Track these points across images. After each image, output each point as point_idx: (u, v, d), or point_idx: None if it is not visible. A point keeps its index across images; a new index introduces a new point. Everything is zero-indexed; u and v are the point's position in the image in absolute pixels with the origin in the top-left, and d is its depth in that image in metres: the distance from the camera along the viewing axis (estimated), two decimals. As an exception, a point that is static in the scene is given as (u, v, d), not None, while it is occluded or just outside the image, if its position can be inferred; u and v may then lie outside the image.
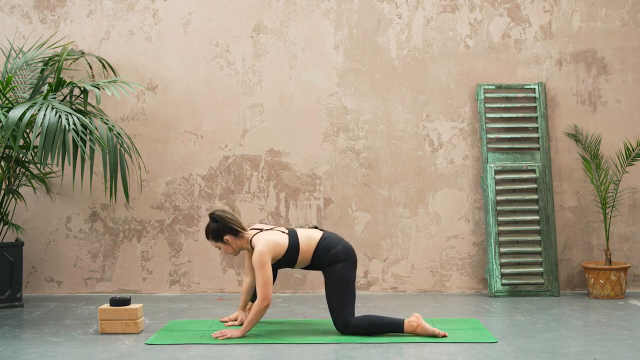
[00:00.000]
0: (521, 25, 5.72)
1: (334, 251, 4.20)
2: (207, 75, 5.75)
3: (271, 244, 4.15)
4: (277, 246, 4.17)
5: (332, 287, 4.17)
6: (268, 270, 4.09)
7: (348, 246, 4.26)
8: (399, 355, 3.76)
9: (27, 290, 5.71)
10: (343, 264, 4.18)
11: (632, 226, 5.68)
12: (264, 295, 4.07)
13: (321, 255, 4.22)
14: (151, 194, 5.73)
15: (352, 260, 4.23)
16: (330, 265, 4.19)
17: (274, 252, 4.16)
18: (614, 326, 4.38)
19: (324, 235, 4.28)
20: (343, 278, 4.16)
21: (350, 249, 4.25)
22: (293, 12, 5.75)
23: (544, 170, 5.57)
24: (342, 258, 4.19)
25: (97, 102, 5.04)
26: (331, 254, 4.19)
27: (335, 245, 4.22)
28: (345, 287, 4.15)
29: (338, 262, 4.18)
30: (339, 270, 4.17)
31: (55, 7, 5.77)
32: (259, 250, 4.11)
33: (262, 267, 4.08)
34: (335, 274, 4.17)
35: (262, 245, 4.13)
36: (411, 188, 5.70)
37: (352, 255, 4.24)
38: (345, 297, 4.15)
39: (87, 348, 3.97)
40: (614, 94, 5.70)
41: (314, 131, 5.73)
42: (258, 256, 4.09)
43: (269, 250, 4.13)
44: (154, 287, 5.72)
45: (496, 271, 5.46)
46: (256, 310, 4.09)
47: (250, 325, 4.14)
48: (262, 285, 4.08)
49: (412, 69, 5.73)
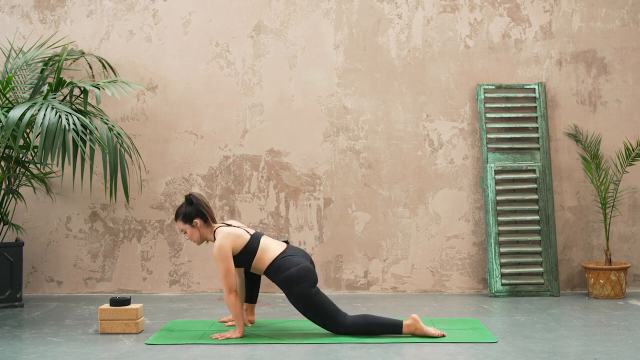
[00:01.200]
0: (521, 25, 5.72)
1: (287, 274, 4.11)
2: (207, 75, 5.75)
3: (231, 236, 4.14)
4: (236, 239, 4.15)
5: (299, 307, 4.13)
6: (229, 263, 4.09)
7: (303, 268, 4.12)
8: (399, 355, 3.76)
9: (27, 290, 5.71)
10: (300, 286, 4.08)
11: (632, 226, 5.68)
12: (228, 287, 4.08)
13: (274, 273, 4.16)
14: (151, 194, 5.73)
15: (308, 282, 4.09)
16: (287, 288, 4.12)
17: (234, 244, 4.14)
18: (614, 326, 4.38)
19: (283, 254, 4.19)
20: (304, 298, 4.09)
21: (306, 269, 4.12)
22: (293, 12, 5.75)
23: (544, 170, 5.57)
24: (297, 281, 4.08)
25: (97, 102, 5.04)
26: (284, 276, 4.11)
27: (289, 267, 4.12)
28: (312, 305, 4.09)
29: (292, 286, 4.09)
30: (296, 293, 4.09)
31: (55, 7, 5.77)
32: (219, 243, 4.12)
33: (223, 260, 4.09)
34: (293, 297, 4.10)
35: (222, 238, 4.13)
36: (411, 188, 5.70)
37: (307, 277, 4.10)
38: (325, 310, 4.10)
39: (87, 348, 3.97)
40: (614, 94, 5.70)
41: (314, 131, 5.73)
42: (218, 250, 4.11)
43: (228, 241, 4.12)
44: (154, 287, 5.72)
45: (496, 271, 5.46)
46: (228, 303, 4.10)
47: (239, 319, 4.14)
48: (225, 277, 4.08)
49: (412, 69, 5.73)
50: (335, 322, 4.12)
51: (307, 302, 4.11)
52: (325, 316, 4.12)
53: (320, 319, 4.13)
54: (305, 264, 4.17)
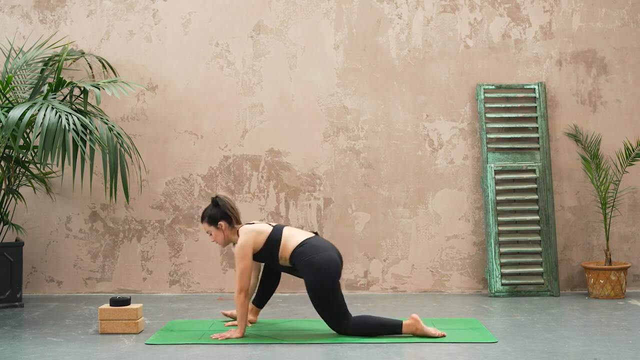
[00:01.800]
0: (521, 25, 5.72)
1: (308, 260, 4.07)
2: (207, 75, 5.75)
3: (253, 234, 4.15)
4: (258, 235, 4.16)
5: (310, 294, 4.11)
6: (247, 262, 4.09)
7: (327, 258, 4.07)
8: (399, 355, 3.76)
9: (27, 290, 5.71)
10: (317, 276, 4.04)
11: (632, 226, 5.68)
12: (241, 286, 4.08)
13: (296, 260, 4.13)
14: (151, 194, 5.73)
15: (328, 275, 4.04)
16: (305, 274, 4.09)
17: (255, 241, 4.15)
18: (614, 326, 4.38)
19: (306, 241, 4.16)
20: (319, 288, 4.06)
21: (327, 262, 4.06)
22: (293, 12, 5.75)
23: (544, 170, 5.57)
24: (316, 269, 4.04)
25: (97, 102, 5.04)
26: (304, 262, 4.08)
27: (312, 253, 4.08)
28: (323, 297, 4.07)
29: (311, 272, 4.05)
30: (313, 281, 4.05)
31: (55, 7, 5.77)
32: (241, 242, 4.12)
33: (241, 258, 4.09)
34: (310, 283, 4.07)
35: (243, 236, 4.14)
36: (411, 188, 5.70)
37: (329, 270, 4.04)
38: (327, 304, 4.08)
39: (87, 348, 3.97)
40: (614, 94, 5.70)
41: (314, 131, 5.73)
42: (239, 248, 4.11)
43: (249, 240, 4.12)
44: (154, 287, 5.72)
45: (496, 271, 5.46)
46: (237, 303, 4.10)
47: (242, 320, 4.14)
48: (240, 276, 4.08)
49: (412, 69, 5.73)
50: (340, 321, 4.11)
51: (320, 292, 4.06)
52: (333, 312, 4.09)
53: (327, 313, 4.11)
54: (331, 254, 4.11)
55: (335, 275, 4.08)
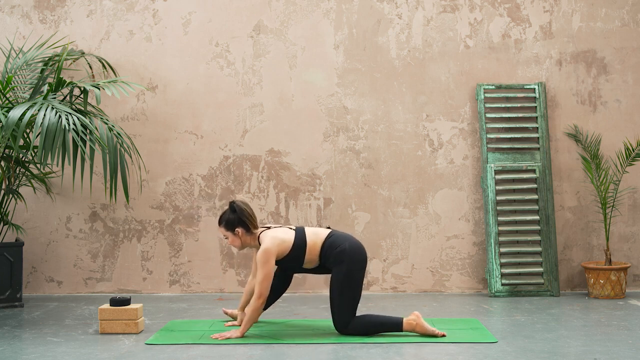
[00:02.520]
0: (521, 25, 5.72)
1: (340, 249, 4.13)
2: (207, 75, 5.75)
3: (277, 241, 4.14)
4: (283, 243, 4.16)
5: (336, 286, 4.12)
6: (270, 268, 4.09)
7: (356, 244, 4.18)
8: (399, 355, 3.76)
9: (27, 290, 5.71)
10: (350, 264, 4.10)
11: (632, 226, 5.68)
12: (261, 292, 4.08)
13: (327, 253, 4.17)
14: (151, 194, 5.73)
15: (361, 261, 4.15)
16: (337, 265, 4.13)
17: (280, 249, 4.14)
18: (614, 326, 4.38)
19: (332, 233, 4.24)
20: (348, 278, 4.10)
21: (358, 248, 4.17)
22: (293, 12, 5.75)
23: (544, 170, 5.57)
24: (349, 257, 4.11)
25: (97, 102, 5.04)
26: (337, 252, 4.13)
27: (342, 242, 4.16)
28: (349, 288, 4.10)
29: (344, 261, 4.11)
30: (345, 270, 4.10)
31: (55, 7, 5.77)
32: (265, 247, 4.10)
33: (265, 263, 4.08)
34: (341, 273, 4.11)
35: (269, 242, 4.13)
36: (411, 188, 5.70)
37: (361, 255, 4.16)
38: (348, 298, 4.11)
39: (87, 348, 3.97)
40: (614, 94, 5.70)
41: (314, 131, 5.73)
42: (263, 254, 4.09)
43: (274, 247, 4.12)
44: (154, 287, 5.72)
45: (496, 271, 5.46)
46: (253, 307, 4.10)
47: (249, 324, 4.14)
48: (262, 281, 4.08)
49: (412, 69, 5.73)
50: (347, 317, 4.11)
51: (347, 280, 4.09)
52: (345, 303, 4.10)
53: (338, 301, 4.11)
54: (355, 241, 4.20)
55: (366, 261, 4.19)
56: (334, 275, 4.15)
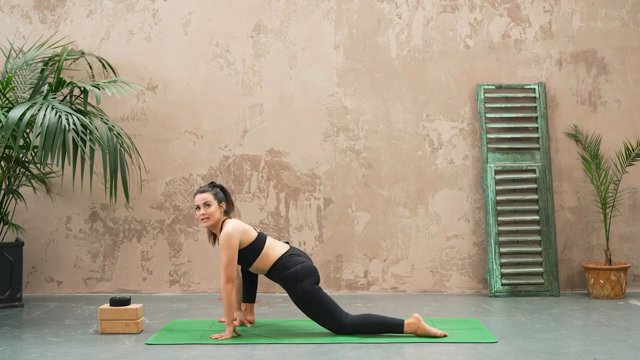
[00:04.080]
0: (521, 25, 5.72)
1: (292, 271, 4.14)
2: (207, 75, 5.75)
3: (241, 228, 4.16)
4: (245, 233, 4.16)
5: (303, 305, 4.14)
6: (233, 252, 4.09)
7: (309, 265, 4.19)
8: (399, 355, 3.76)
9: (27, 290, 5.71)
10: (303, 282, 4.12)
11: (632, 226, 5.68)
12: (227, 276, 4.07)
13: (277, 271, 4.18)
14: (151, 194, 5.73)
15: (313, 276, 4.16)
16: (291, 286, 4.14)
17: (242, 237, 4.15)
18: (614, 326, 4.38)
19: (287, 253, 4.23)
20: (311, 294, 4.11)
21: (310, 267, 4.18)
22: (293, 12, 5.75)
23: (544, 170, 5.57)
24: (301, 277, 4.13)
25: (97, 102, 5.04)
26: (288, 273, 4.14)
27: (293, 264, 4.17)
28: (319, 300, 4.11)
29: (297, 282, 4.12)
30: (303, 289, 4.11)
31: (55, 7, 5.77)
32: (227, 231, 4.11)
33: (228, 247, 4.08)
34: (300, 293, 4.11)
35: (232, 227, 4.14)
36: (411, 188, 5.70)
37: (313, 272, 4.17)
38: (322, 305, 4.12)
39: (87, 348, 3.96)
40: (614, 94, 5.70)
41: (314, 131, 5.73)
42: (226, 237, 4.10)
43: (237, 232, 4.13)
44: (154, 287, 5.72)
45: (496, 271, 5.46)
46: (224, 292, 4.08)
47: (230, 311, 4.11)
48: (226, 266, 4.07)
49: (412, 69, 5.73)
50: (337, 321, 4.12)
51: (309, 300, 4.12)
52: (327, 315, 4.12)
53: (322, 318, 4.14)
54: (308, 263, 4.22)
55: (316, 280, 4.18)
56: (293, 298, 4.16)
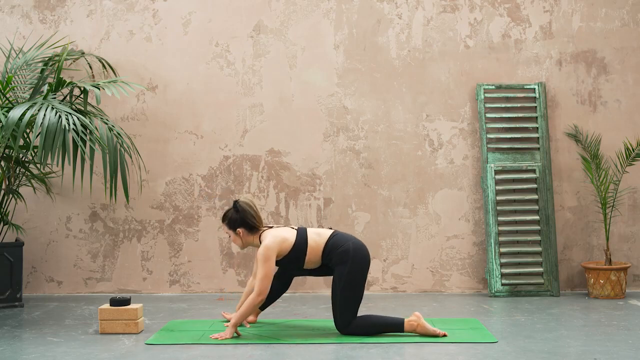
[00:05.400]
0: (521, 25, 5.72)
1: (343, 248, 4.12)
2: (207, 75, 5.75)
3: (278, 239, 4.14)
4: (284, 242, 4.15)
5: (338, 285, 4.10)
6: (270, 266, 4.09)
7: (360, 245, 4.16)
8: (399, 355, 3.76)
9: (27, 290, 5.71)
10: (353, 264, 4.09)
11: (632, 226, 5.68)
12: (261, 289, 4.07)
13: (330, 253, 4.15)
14: (151, 194, 5.73)
15: (363, 261, 4.13)
16: (340, 264, 4.11)
17: (281, 247, 4.13)
18: (614, 326, 4.38)
19: (334, 233, 4.22)
20: (351, 278, 4.09)
21: (361, 248, 4.15)
22: (293, 12, 5.75)
23: (544, 170, 5.57)
24: (352, 257, 4.09)
25: (97, 102, 5.04)
26: (340, 252, 4.12)
27: (344, 242, 4.14)
28: (351, 288, 4.09)
29: (347, 261, 4.09)
30: (348, 270, 4.08)
31: (55, 7, 5.77)
32: (266, 244, 4.10)
33: (265, 261, 4.07)
34: (344, 273, 4.09)
35: (270, 240, 4.12)
36: (411, 188, 5.70)
37: (364, 255, 4.14)
38: (351, 298, 4.10)
39: (87, 348, 3.96)
40: (614, 94, 5.70)
41: (314, 131, 5.73)
42: (264, 250, 4.09)
43: (275, 245, 4.11)
44: (154, 287, 5.72)
45: (496, 271, 5.46)
46: (250, 303, 4.09)
47: (242, 317, 4.13)
48: (262, 279, 4.07)
49: (412, 69, 5.73)
50: (347, 318, 4.10)
51: (350, 280, 4.07)
52: (347, 303, 4.08)
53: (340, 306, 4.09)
54: (357, 241, 4.19)
55: (369, 261, 4.17)
56: (336, 275, 4.13)
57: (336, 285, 4.12)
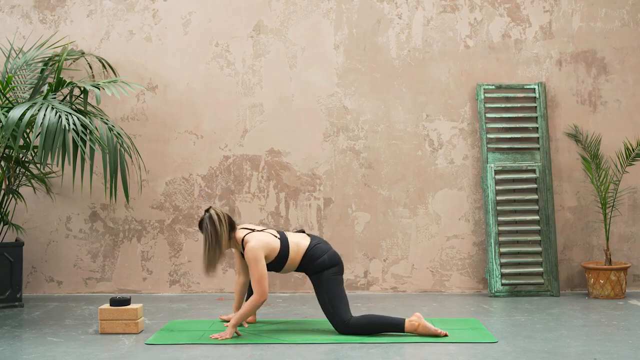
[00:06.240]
0: (521, 25, 5.72)
1: (320, 260, 4.21)
2: (207, 75, 5.75)
3: (263, 243, 4.17)
4: (268, 246, 4.18)
5: (323, 294, 4.19)
6: (262, 266, 4.11)
7: (333, 253, 4.27)
8: (399, 355, 3.76)
9: (27, 290, 5.71)
10: (329, 270, 4.21)
11: (632, 226, 5.68)
12: (261, 291, 4.09)
13: (308, 264, 4.24)
14: (151, 194, 5.73)
15: (338, 266, 4.25)
16: (317, 273, 4.22)
17: (266, 250, 4.17)
18: (614, 326, 4.38)
19: (312, 244, 4.28)
20: (332, 284, 4.18)
21: (336, 256, 4.27)
22: (293, 12, 5.75)
23: (544, 170, 5.57)
24: (329, 265, 4.22)
25: (97, 102, 5.04)
26: (317, 263, 4.22)
27: (321, 254, 4.23)
28: (336, 292, 4.17)
29: (324, 269, 4.21)
30: (326, 277, 4.19)
31: (55, 7, 5.77)
32: (252, 246, 4.12)
33: (256, 262, 4.10)
34: (323, 281, 4.19)
35: (255, 242, 4.14)
36: (411, 188, 5.70)
37: (338, 262, 4.26)
38: (338, 300, 4.16)
39: (87, 348, 3.97)
40: (614, 94, 5.70)
41: (314, 131, 5.73)
42: (252, 252, 4.10)
43: (261, 246, 4.14)
44: (154, 287, 5.72)
45: (496, 271, 5.46)
46: (252, 304, 4.10)
47: (243, 318, 4.14)
48: (258, 281, 4.09)
49: (412, 69, 5.73)
50: (341, 318, 4.14)
51: (328, 288, 4.17)
52: (335, 308, 4.14)
53: (330, 309, 4.15)
54: (333, 251, 4.29)
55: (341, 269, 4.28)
56: (317, 285, 4.22)
57: (322, 295, 4.19)
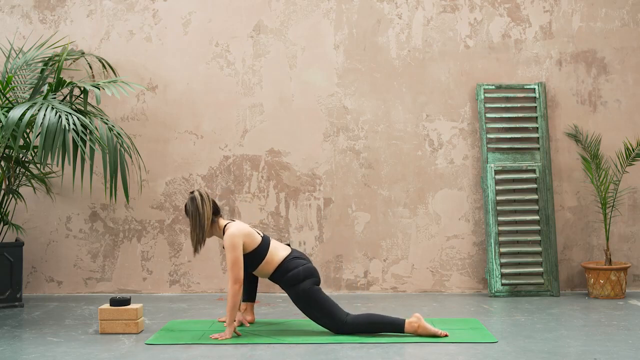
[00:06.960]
0: (521, 25, 5.72)
1: (294, 272, 4.18)
2: (207, 75, 5.76)
3: (245, 231, 4.17)
4: (249, 236, 4.17)
5: (306, 307, 4.17)
6: (239, 253, 4.10)
7: (310, 267, 4.23)
8: (399, 355, 3.76)
9: (27, 290, 5.71)
10: (304, 282, 4.16)
11: (632, 226, 5.68)
12: (234, 277, 4.08)
13: (280, 274, 4.21)
14: (151, 194, 5.73)
15: (314, 278, 4.20)
16: (292, 287, 4.17)
17: (246, 238, 4.15)
18: (614, 326, 4.38)
19: (291, 255, 4.26)
20: (311, 294, 4.14)
21: (312, 269, 4.23)
22: (293, 12, 5.75)
23: (544, 170, 5.58)
24: (302, 278, 4.17)
25: (97, 102, 5.04)
26: (290, 275, 4.18)
27: (296, 267, 4.20)
28: (322, 300, 4.15)
29: (299, 282, 4.16)
30: (303, 289, 4.14)
31: (55, 7, 5.77)
32: (232, 232, 4.13)
33: (233, 248, 4.09)
34: (301, 293, 4.15)
35: (236, 229, 4.15)
36: (411, 188, 5.70)
37: (314, 274, 4.22)
38: (329, 307, 4.14)
39: (87, 348, 3.97)
40: (614, 94, 5.70)
41: (314, 131, 5.73)
42: (230, 238, 4.11)
43: (241, 235, 4.13)
44: (154, 287, 5.72)
45: (496, 271, 5.46)
46: (230, 294, 4.09)
47: (232, 313, 4.12)
48: (232, 266, 4.09)
49: (412, 69, 5.73)
50: (337, 321, 4.13)
51: (309, 300, 4.14)
52: (326, 314, 4.13)
53: (322, 318, 4.15)
54: (309, 265, 4.25)
55: (317, 280, 4.22)
56: (297, 299, 4.18)
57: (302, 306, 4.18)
